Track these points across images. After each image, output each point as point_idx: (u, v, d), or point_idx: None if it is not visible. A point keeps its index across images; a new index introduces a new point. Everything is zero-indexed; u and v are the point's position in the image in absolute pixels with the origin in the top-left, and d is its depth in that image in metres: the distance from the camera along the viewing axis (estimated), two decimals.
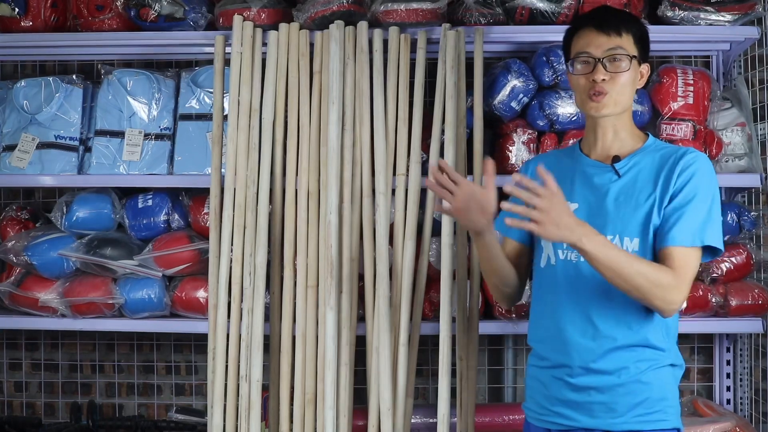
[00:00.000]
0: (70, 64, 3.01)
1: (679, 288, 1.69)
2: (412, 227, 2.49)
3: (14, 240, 2.67)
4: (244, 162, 2.54)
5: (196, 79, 2.71)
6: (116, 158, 2.65)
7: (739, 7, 2.58)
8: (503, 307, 2.47)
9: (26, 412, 3.08)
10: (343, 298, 2.44)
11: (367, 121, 2.53)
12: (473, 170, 2.52)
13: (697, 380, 2.95)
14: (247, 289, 2.48)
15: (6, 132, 2.75)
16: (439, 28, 2.57)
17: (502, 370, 2.96)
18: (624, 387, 1.74)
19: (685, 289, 1.70)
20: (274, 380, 2.52)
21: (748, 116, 2.67)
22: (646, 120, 2.59)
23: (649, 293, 1.66)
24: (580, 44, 1.82)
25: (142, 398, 3.06)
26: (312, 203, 2.52)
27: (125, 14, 2.71)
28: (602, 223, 1.75)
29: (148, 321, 2.65)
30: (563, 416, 1.79)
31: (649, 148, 1.83)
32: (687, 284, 1.71)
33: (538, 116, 2.57)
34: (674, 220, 1.71)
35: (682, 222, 1.71)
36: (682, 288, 1.70)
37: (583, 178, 1.83)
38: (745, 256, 2.59)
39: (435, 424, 2.44)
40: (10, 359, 3.08)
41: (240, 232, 2.51)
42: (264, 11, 2.61)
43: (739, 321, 2.58)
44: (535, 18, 2.59)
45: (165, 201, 2.66)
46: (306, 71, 2.58)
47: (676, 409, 1.79)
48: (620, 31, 1.79)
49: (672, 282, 1.67)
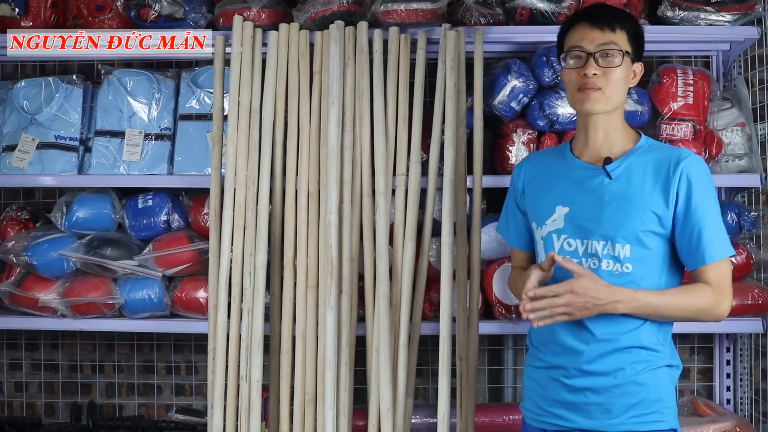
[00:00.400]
0: (70, 64, 3.01)
1: (722, 302, 1.74)
2: (412, 227, 2.49)
3: (14, 240, 2.67)
4: (244, 162, 2.54)
5: (196, 80, 2.71)
6: (116, 158, 2.65)
7: (739, 7, 2.58)
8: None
9: (26, 412, 3.08)
10: (343, 298, 2.44)
11: (367, 122, 2.53)
12: (473, 170, 2.52)
13: (697, 380, 2.95)
14: (247, 290, 2.48)
15: (6, 132, 2.75)
16: (439, 28, 2.57)
17: (502, 370, 2.96)
18: (620, 388, 1.74)
19: (728, 297, 1.76)
20: (274, 380, 2.52)
21: (748, 116, 2.67)
22: (646, 120, 2.59)
23: (696, 319, 1.75)
24: (574, 39, 1.81)
25: (142, 398, 3.06)
26: (312, 203, 2.52)
27: (125, 14, 2.71)
28: (593, 229, 1.76)
29: (148, 321, 2.65)
30: (560, 417, 1.80)
31: (641, 149, 1.82)
32: (729, 293, 1.76)
33: (538, 116, 2.56)
34: (696, 240, 1.73)
35: (705, 240, 1.73)
36: (726, 297, 1.75)
37: (575, 182, 1.83)
38: (745, 256, 2.59)
39: (435, 424, 2.44)
40: (10, 359, 3.08)
41: (240, 233, 2.51)
42: (264, 11, 2.61)
43: (739, 321, 2.58)
44: (535, 18, 2.59)
45: (165, 201, 2.66)
46: (306, 71, 2.58)
47: (673, 410, 1.80)
48: (614, 27, 1.79)
49: (713, 301, 1.73)
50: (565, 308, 1.69)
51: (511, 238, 2.02)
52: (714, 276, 1.74)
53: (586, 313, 1.70)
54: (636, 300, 1.70)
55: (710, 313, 1.74)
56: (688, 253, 1.75)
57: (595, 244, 1.76)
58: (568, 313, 1.69)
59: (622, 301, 1.69)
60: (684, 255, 1.76)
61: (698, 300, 1.73)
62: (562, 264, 1.70)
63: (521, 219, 1.98)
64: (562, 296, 1.68)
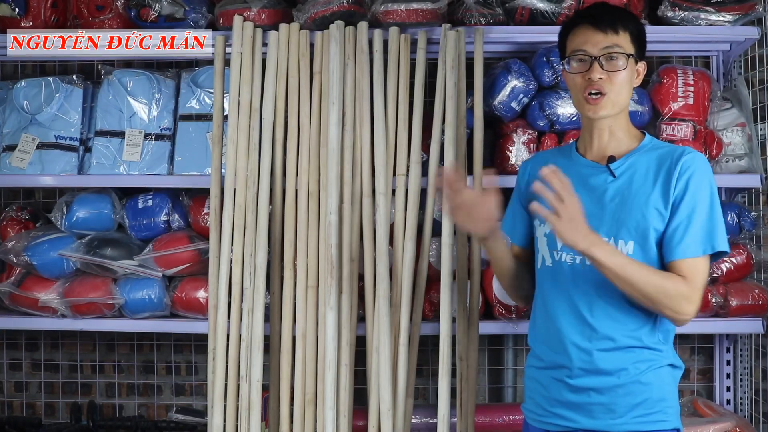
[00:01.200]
0: (70, 64, 3.01)
1: (691, 298, 1.70)
2: (412, 227, 2.49)
3: (14, 240, 2.67)
4: (244, 162, 2.54)
5: (197, 80, 2.71)
6: (116, 158, 2.65)
7: (739, 8, 2.58)
8: (521, 306, 2.49)
9: (26, 412, 3.08)
10: (343, 298, 2.44)
11: (367, 122, 2.53)
12: (473, 170, 2.52)
13: (698, 380, 2.95)
14: (247, 290, 2.48)
15: (6, 132, 2.75)
16: (440, 28, 2.57)
17: (502, 370, 2.96)
18: (624, 388, 1.74)
19: (697, 299, 1.71)
20: (274, 380, 2.52)
21: (749, 116, 2.67)
22: (647, 120, 2.59)
23: (660, 303, 1.68)
24: (576, 42, 1.80)
25: (142, 398, 3.06)
26: (312, 203, 2.52)
27: (125, 14, 2.71)
28: (597, 225, 1.74)
29: (148, 321, 2.65)
30: (563, 417, 1.79)
31: (645, 148, 1.82)
32: (699, 293, 1.71)
33: (538, 116, 2.57)
34: (681, 233, 1.71)
35: (689, 234, 1.70)
36: (694, 298, 1.70)
37: (579, 179, 1.81)
38: (745, 256, 2.59)
39: (435, 424, 2.44)
40: (10, 359, 3.08)
41: (240, 233, 2.51)
42: (264, 11, 2.61)
43: (739, 321, 2.58)
44: (536, 18, 2.59)
45: (165, 201, 2.66)
46: (306, 71, 2.58)
47: (676, 409, 1.79)
48: (617, 29, 1.77)
49: (683, 292, 1.68)
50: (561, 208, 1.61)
51: (515, 236, 2.00)
52: (688, 272, 1.69)
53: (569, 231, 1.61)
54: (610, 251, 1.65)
55: (674, 304, 1.68)
56: (669, 243, 1.71)
57: None
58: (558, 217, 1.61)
59: (598, 244, 1.63)
60: (665, 244, 1.72)
61: (667, 283, 1.67)
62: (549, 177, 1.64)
63: (525, 217, 1.97)
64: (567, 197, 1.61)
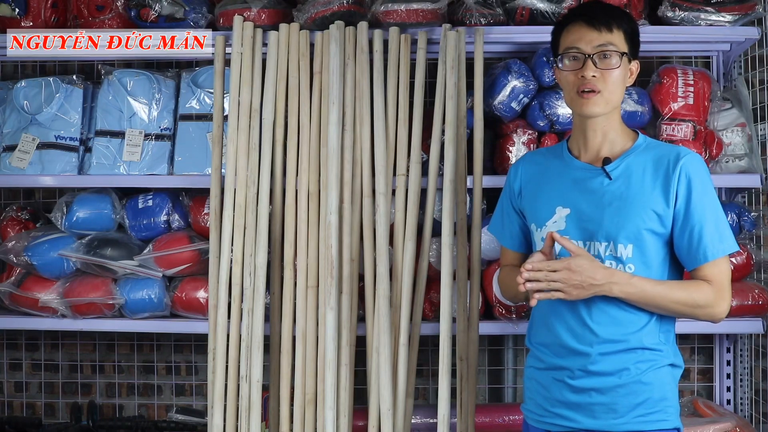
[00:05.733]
0: (70, 64, 3.01)
1: (720, 301, 1.73)
2: (412, 228, 2.48)
3: (14, 240, 2.67)
4: (244, 162, 2.54)
5: (197, 80, 2.71)
6: (116, 158, 2.65)
7: (739, 8, 2.58)
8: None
9: (26, 412, 3.08)
10: (343, 298, 2.44)
11: (367, 122, 2.53)
12: (473, 170, 2.52)
13: (698, 380, 2.95)
14: (247, 290, 2.48)
15: (6, 132, 2.75)
16: (440, 28, 2.57)
17: (502, 371, 2.96)
18: (625, 388, 1.74)
19: (728, 297, 1.75)
20: (274, 380, 2.52)
21: (749, 117, 2.67)
22: (647, 120, 2.59)
23: (692, 315, 1.73)
24: (570, 39, 1.79)
25: (143, 399, 3.06)
26: (312, 204, 2.52)
27: (125, 14, 2.71)
28: (595, 229, 1.75)
29: (148, 321, 2.65)
30: (564, 417, 1.79)
31: (639, 148, 1.81)
32: (728, 291, 1.75)
33: (538, 116, 2.57)
34: (697, 239, 1.72)
35: (705, 239, 1.72)
36: (724, 298, 1.74)
37: (574, 183, 1.81)
38: (745, 256, 2.59)
39: (435, 424, 2.44)
40: (10, 359, 3.08)
41: (240, 233, 2.51)
42: (264, 11, 2.61)
43: (740, 321, 2.58)
44: (536, 18, 2.59)
45: (165, 201, 2.66)
46: (306, 72, 2.58)
47: (676, 408, 1.80)
48: (611, 27, 1.77)
49: (711, 298, 1.72)
50: (561, 285, 1.66)
51: (505, 238, 2.00)
52: (714, 275, 1.73)
53: (581, 292, 1.67)
54: (631, 285, 1.69)
55: (707, 312, 1.73)
56: (689, 252, 1.74)
57: (598, 246, 1.75)
58: (564, 291, 1.67)
59: (617, 283, 1.68)
60: (684, 254, 1.75)
61: (695, 295, 1.71)
62: (559, 242, 1.68)
63: (516, 219, 1.97)
64: (559, 272, 1.66)
